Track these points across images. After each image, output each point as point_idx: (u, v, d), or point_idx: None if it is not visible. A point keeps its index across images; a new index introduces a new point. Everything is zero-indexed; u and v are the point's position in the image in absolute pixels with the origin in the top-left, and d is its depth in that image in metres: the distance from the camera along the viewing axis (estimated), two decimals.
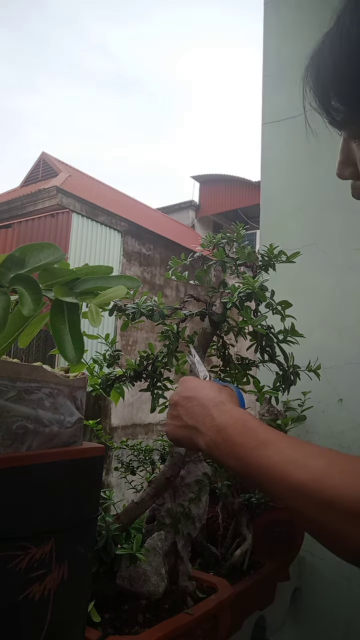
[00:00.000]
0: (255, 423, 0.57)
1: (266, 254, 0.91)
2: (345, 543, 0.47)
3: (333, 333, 1.27)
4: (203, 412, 0.62)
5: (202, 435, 0.61)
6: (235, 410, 0.60)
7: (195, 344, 0.86)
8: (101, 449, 0.60)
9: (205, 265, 0.93)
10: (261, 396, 0.96)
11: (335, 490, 0.46)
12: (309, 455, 0.50)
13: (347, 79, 0.49)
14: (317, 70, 0.51)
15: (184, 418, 0.65)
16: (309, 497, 0.48)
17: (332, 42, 0.49)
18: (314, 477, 0.48)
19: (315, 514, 0.48)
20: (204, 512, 0.87)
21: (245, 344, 0.91)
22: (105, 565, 0.73)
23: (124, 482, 1.03)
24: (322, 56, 0.51)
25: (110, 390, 0.93)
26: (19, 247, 0.53)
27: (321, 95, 0.51)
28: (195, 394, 0.65)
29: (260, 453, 0.53)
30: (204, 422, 0.61)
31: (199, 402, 0.63)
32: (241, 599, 0.85)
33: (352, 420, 1.19)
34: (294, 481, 0.49)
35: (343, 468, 0.48)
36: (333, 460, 0.49)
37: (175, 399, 0.68)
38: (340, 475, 0.47)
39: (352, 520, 0.45)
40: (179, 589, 0.79)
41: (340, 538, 0.47)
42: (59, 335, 0.53)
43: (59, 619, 0.52)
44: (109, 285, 0.57)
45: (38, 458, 0.51)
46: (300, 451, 0.51)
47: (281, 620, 1.11)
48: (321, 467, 0.48)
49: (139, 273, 9.16)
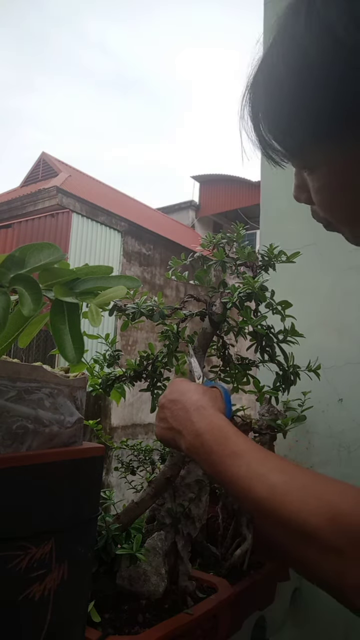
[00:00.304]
0: (230, 431, 0.58)
1: (266, 254, 0.91)
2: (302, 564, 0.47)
3: (333, 333, 1.27)
4: (185, 416, 0.63)
5: (184, 438, 0.62)
6: (214, 416, 0.61)
7: (195, 344, 0.86)
8: (101, 449, 0.60)
9: (205, 265, 0.93)
10: (261, 396, 0.96)
11: (292, 507, 0.46)
12: (272, 470, 0.51)
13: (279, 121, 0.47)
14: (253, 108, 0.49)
15: (169, 420, 0.66)
16: (267, 513, 0.49)
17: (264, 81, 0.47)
18: (273, 494, 0.48)
19: (273, 531, 0.49)
20: (204, 512, 0.87)
21: (245, 344, 0.91)
22: (105, 565, 0.73)
23: (124, 482, 1.03)
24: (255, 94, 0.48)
25: (111, 390, 0.93)
26: (19, 247, 0.53)
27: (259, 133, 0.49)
28: (180, 397, 0.66)
29: (230, 462, 0.54)
30: (185, 426, 0.62)
31: (182, 406, 0.65)
32: (241, 599, 0.85)
33: (352, 420, 1.19)
34: (255, 496, 0.50)
35: (304, 485, 0.48)
36: (295, 477, 0.49)
37: (162, 402, 0.69)
38: (298, 493, 0.47)
39: (305, 541, 0.45)
40: (179, 589, 0.79)
41: (296, 557, 0.47)
42: (59, 335, 0.53)
43: (59, 619, 0.52)
44: (109, 285, 0.57)
45: (38, 458, 0.51)
46: (265, 466, 0.52)
47: (281, 620, 1.11)
48: (281, 484, 0.49)
49: (139, 273, 9.17)
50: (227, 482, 0.54)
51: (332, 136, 0.45)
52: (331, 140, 0.45)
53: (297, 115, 0.45)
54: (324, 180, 0.49)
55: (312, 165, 0.49)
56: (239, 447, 0.55)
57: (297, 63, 0.43)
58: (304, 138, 0.46)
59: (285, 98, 0.45)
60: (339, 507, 0.44)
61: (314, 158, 0.48)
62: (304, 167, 0.52)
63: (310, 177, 0.51)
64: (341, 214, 0.51)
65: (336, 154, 0.46)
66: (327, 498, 0.45)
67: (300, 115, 0.45)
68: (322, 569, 0.44)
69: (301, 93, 0.43)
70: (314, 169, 0.49)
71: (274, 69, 0.45)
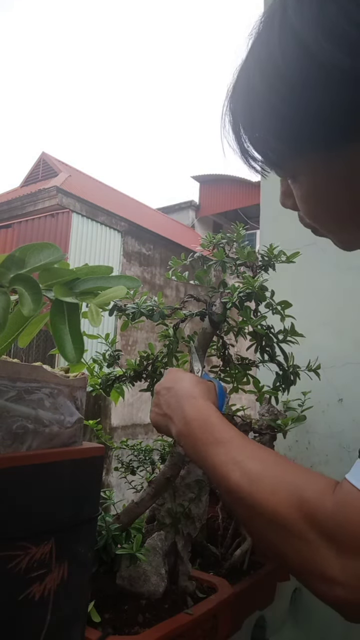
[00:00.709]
0: (217, 420, 0.59)
1: (266, 254, 0.91)
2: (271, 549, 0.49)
3: (333, 333, 1.27)
4: (177, 403, 0.65)
5: (174, 424, 0.64)
6: (203, 405, 0.63)
7: (195, 344, 0.86)
8: (101, 449, 0.60)
9: (205, 265, 0.93)
10: (261, 396, 0.96)
11: (263, 495, 0.48)
12: (249, 458, 0.52)
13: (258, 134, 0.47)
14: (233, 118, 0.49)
15: (162, 407, 0.68)
16: (240, 499, 0.51)
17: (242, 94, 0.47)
18: (247, 480, 0.50)
19: (245, 516, 0.51)
20: (204, 512, 0.87)
21: (245, 344, 0.91)
22: (105, 565, 0.73)
23: (124, 482, 1.03)
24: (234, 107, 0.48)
25: (110, 390, 0.93)
26: (19, 247, 0.53)
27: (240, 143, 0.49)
28: (174, 385, 0.68)
29: (212, 450, 0.56)
30: (176, 413, 0.64)
31: (175, 393, 0.66)
32: (241, 599, 0.85)
33: (352, 420, 1.19)
34: (230, 482, 0.51)
35: (276, 474, 0.50)
36: (269, 465, 0.51)
37: (157, 389, 0.71)
38: (270, 481, 0.49)
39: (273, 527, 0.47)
40: (179, 589, 0.79)
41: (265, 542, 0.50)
42: (59, 335, 0.53)
43: (59, 619, 0.52)
44: (109, 285, 0.57)
45: (38, 458, 0.51)
46: (243, 453, 0.53)
47: (281, 620, 1.11)
48: (256, 471, 0.50)
49: (139, 273, 9.17)
50: (209, 469, 0.55)
51: (310, 147, 0.45)
52: (309, 150, 0.45)
53: (274, 127, 0.45)
54: (306, 189, 0.49)
55: (294, 175, 0.50)
56: (222, 435, 0.57)
57: (271, 75, 0.43)
58: (282, 149, 0.47)
59: (262, 110, 0.45)
60: (306, 495, 0.46)
61: (295, 167, 0.48)
62: (286, 176, 0.52)
63: (294, 186, 0.51)
64: (325, 221, 0.51)
65: (317, 163, 0.46)
66: (296, 486, 0.47)
67: (277, 127, 0.45)
68: (289, 555, 0.47)
69: (277, 105, 0.43)
70: (296, 177, 0.49)
71: (250, 80, 0.45)
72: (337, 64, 0.38)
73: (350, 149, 0.43)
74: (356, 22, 0.37)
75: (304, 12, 0.40)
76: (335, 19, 0.38)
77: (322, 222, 0.52)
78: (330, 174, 0.46)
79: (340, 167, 0.44)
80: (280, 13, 0.42)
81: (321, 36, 0.38)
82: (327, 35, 0.38)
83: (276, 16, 0.42)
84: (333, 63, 0.38)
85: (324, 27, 0.38)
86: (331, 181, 0.46)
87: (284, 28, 0.41)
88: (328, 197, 0.48)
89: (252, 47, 0.45)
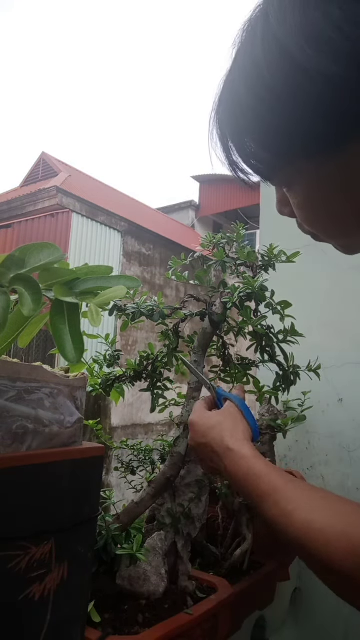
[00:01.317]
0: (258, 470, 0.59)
1: (266, 254, 0.91)
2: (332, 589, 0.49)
3: (333, 333, 1.27)
4: (219, 460, 0.65)
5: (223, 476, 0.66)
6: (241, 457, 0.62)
7: (195, 344, 0.86)
8: (101, 449, 0.60)
9: (205, 265, 0.93)
10: (261, 396, 0.96)
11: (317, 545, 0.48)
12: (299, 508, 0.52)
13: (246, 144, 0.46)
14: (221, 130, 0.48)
15: (208, 462, 0.69)
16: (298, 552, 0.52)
17: (228, 104, 0.46)
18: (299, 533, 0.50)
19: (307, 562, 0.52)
20: (204, 512, 0.87)
21: (245, 344, 0.91)
22: (105, 565, 0.73)
23: (124, 482, 1.03)
24: (221, 117, 0.47)
25: (110, 390, 0.93)
26: (19, 247, 0.53)
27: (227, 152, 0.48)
28: (207, 441, 0.67)
29: (263, 505, 0.56)
30: (221, 468, 0.65)
31: (212, 449, 0.66)
32: (241, 599, 0.85)
33: (352, 420, 1.19)
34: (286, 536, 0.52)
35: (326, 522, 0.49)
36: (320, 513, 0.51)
37: (192, 444, 0.71)
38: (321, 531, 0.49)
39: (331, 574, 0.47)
40: (179, 589, 0.79)
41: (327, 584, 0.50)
42: (59, 335, 0.53)
43: (59, 619, 0.52)
44: (109, 285, 0.57)
45: (38, 458, 0.51)
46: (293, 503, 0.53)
47: (281, 620, 1.11)
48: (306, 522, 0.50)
49: (139, 273, 9.17)
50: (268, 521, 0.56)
51: (300, 156, 0.44)
52: (300, 159, 0.44)
53: (262, 138, 0.44)
54: (302, 197, 0.48)
55: (287, 184, 0.49)
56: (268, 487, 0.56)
57: (256, 84, 0.42)
58: (271, 159, 0.46)
59: (248, 120, 0.44)
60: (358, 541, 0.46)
61: (287, 176, 0.48)
62: (280, 185, 0.51)
63: (290, 194, 0.50)
64: (323, 227, 0.51)
65: (309, 171, 0.45)
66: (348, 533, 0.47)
67: (264, 138, 0.44)
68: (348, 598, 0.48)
69: (263, 115, 0.42)
70: (291, 186, 0.49)
71: (235, 91, 0.44)
72: (322, 70, 0.37)
73: (342, 154, 0.42)
74: (340, 28, 0.36)
75: (287, 19, 0.39)
76: (319, 25, 0.37)
77: (321, 229, 0.51)
78: (324, 180, 0.45)
79: (334, 172, 0.44)
80: (262, 21, 0.41)
81: (305, 44, 0.38)
82: (311, 43, 0.37)
83: (258, 25, 0.42)
84: (318, 70, 0.37)
85: (307, 34, 0.38)
86: (325, 187, 0.46)
87: (267, 37, 0.40)
88: (324, 203, 0.47)
89: (236, 57, 0.44)
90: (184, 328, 0.91)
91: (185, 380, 0.87)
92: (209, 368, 0.93)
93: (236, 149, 0.47)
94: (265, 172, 0.49)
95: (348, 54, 0.36)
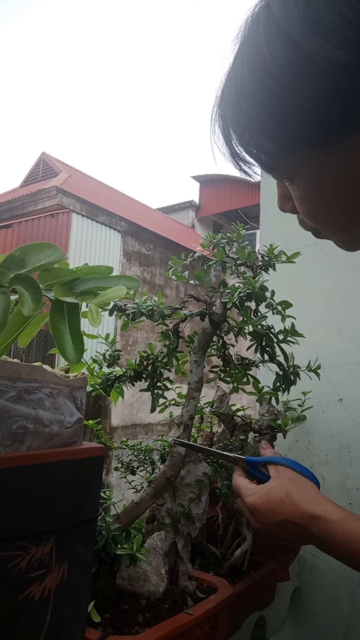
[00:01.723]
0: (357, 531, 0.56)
1: (266, 254, 0.91)
2: None
3: (333, 333, 1.27)
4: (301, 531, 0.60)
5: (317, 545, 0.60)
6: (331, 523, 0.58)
7: (195, 345, 0.86)
8: (101, 449, 0.60)
9: (205, 265, 0.93)
10: (261, 396, 0.96)
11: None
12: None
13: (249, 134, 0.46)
14: (223, 122, 0.48)
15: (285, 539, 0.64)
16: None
17: (231, 95, 0.46)
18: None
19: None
20: (204, 512, 0.87)
21: (245, 344, 0.91)
22: (105, 565, 0.73)
23: (124, 482, 1.03)
24: (224, 109, 0.47)
25: (110, 390, 0.93)
26: (19, 247, 0.53)
27: (230, 145, 0.48)
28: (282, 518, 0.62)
29: None
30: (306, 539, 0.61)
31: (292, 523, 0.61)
32: (241, 599, 0.85)
33: (352, 420, 1.19)
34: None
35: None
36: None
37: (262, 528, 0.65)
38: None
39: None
40: (179, 589, 0.79)
41: None
42: (59, 335, 0.53)
43: (59, 619, 0.52)
44: (109, 285, 0.57)
45: (38, 458, 0.51)
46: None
47: (281, 620, 1.11)
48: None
49: (139, 273, 9.17)
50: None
51: (304, 145, 0.44)
52: (304, 149, 0.44)
53: (265, 127, 0.44)
54: (304, 190, 0.48)
55: (290, 176, 0.49)
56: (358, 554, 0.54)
57: (260, 74, 0.42)
58: (275, 150, 0.46)
59: (252, 109, 0.44)
60: None
61: (290, 168, 0.48)
62: (282, 178, 0.51)
63: (291, 187, 0.50)
64: (325, 221, 0.50)
65: (312, 162, 0.45)
66: None
67: (268, 126, 0.44)
68: None
69: (267, 103, 0.42)
70: (294, 179, 0.49)
71: (239, 81, 0.45)
72: (325, 55, 0.38)
73: (345, 144, 0.42)
74: (343, 14, 0.37)
75: (289, 9, 0.40)
76: (322, 12, 0.38)
77: (323, 223, 0.51)
78: (327, 171, 0.45)
79: (338, 163, 0.44)
80: (265, 13, 0.42)
81: (308, 30, 0.38)
82: (314, 29, 0.38)
83: (261, 17, 0.42)
84: (322, 55, 0.38)
85: (310, 21, 0.38)
86: (329, 178, 0.45)
87: (270, 27, 0.41)
88: (327, 196, 0.47)
89: (239, 49, 0.45)
90: (184, 328, 0.91)
91: (185, 380, 0.87)
92: (209, 368, 0.93)
93: (239, 140, 0.47)
94: (268, 162, 0.48)
95: (352, 39, 0.37)
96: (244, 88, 0.44)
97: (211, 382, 0.96)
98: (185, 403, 0.84)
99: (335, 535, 0.57)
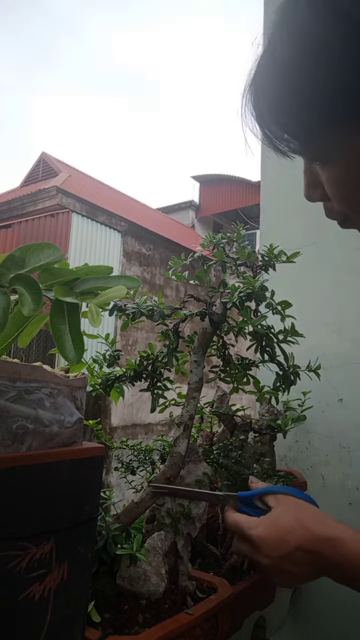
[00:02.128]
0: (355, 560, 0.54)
1: (266, 254, 0.91)
2: None
3: (333, 333, 1.27)
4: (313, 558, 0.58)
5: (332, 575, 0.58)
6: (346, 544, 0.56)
7: (195, 345, 0.86)
8: (101, 449, 0.60)
9: (205, 265, 0.93)
10: (261, 396, 0.96)
11: None
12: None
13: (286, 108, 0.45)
14: (257, 100, 0.47)
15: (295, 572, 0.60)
16: None
17: (268, 69, 0.46)
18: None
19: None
20: (204, 512, 0.87)
21: (245, 344, 0.91)
22: (105, 565, 0.73)
23: (124, 482, 1.03)
24: (258, 85, 0.47)
25: (110, 390, 0.93)
26: (19, 247, 0.53)
27: (264, 126, 0.48)
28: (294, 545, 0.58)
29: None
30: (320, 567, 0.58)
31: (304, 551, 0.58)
32: (241, 599, 0.85)
33: (352, 420, 1.19)
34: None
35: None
36: None
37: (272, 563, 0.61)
38: None
39: None
40: (179, 589, 0.79)
41: None
42: (59, 335, 0.53)
43: (59, 619, 0.52)
44: (109, 285, 0.57)
45: (38, 458, 0.51)
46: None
47: (281, 620, 1.11)
48: None
49: (139, 273, 9.17)
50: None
51: (345, 120, 0.42)
52: (343, 125, 0.43)
53: (306, 100, 0.43)
54: (339, 170, 0.47)
55: (325, 155, 0.47)
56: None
57: (301, 46, 0.41)
58: (313, 124, 0.44)
59: (293, 85, 0.43)
60: None
61: (326, 147, 0.46)
62: (315, 159, 0.50)
63: (324, 169, 0.49)
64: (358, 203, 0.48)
65: (350, 140, 0.44)
66: None
67: (310, 100, 0.43)
68: None
69: (310, 76, 0.41)
70: (327, 160, 0.47)
71: (277, 58, 0.44)
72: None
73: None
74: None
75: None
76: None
77: (356, 205, 0.49)
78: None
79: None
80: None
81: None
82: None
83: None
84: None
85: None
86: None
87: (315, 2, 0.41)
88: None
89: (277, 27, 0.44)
90: (184, 328, 0.91)
91: (185, 380, 0.87)
92: (209, 368, 0.93)
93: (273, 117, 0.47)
94: (304, 140, 0.47)
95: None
96: (282, 63, 0.43)
97: (211, 382, 0.96)
98: (185, 403, 0.84)
99: (350, 557, 0.55)
